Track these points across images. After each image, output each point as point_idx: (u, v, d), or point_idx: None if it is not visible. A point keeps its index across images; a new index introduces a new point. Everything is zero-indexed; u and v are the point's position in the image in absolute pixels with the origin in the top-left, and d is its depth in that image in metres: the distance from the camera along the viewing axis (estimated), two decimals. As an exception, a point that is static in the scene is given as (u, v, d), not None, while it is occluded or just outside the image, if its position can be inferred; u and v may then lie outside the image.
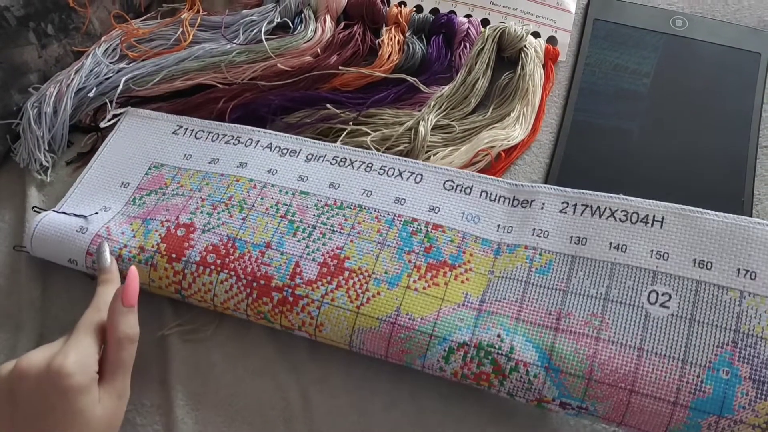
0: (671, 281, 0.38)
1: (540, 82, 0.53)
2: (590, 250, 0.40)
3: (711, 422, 0.34)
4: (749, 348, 0.35)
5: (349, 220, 0.44)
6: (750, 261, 0.37)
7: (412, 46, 0.54)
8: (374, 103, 0.51)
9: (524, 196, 0.44)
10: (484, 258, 0.42)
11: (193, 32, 0.55)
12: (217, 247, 0.43)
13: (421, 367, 0.40)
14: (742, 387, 0.34)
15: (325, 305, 0.41)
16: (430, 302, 0.40)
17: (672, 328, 0.37)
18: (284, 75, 0.53)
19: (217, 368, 0.44)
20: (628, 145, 0.52)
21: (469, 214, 0.44)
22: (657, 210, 0.40)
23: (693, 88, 0.54)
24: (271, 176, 0.47)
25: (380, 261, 0.42)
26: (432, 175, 0.46)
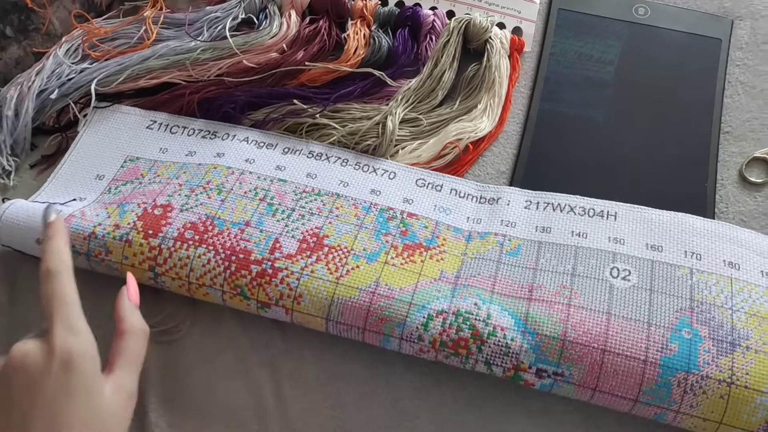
0: (629, 260, 0.42)
1: (506, 73, 0.53)
2: (554, 236, 0.44)
3: (680, 379, 0.37)
4: (705, 313, 0.39)
5: (327, 205, 0.45)
6: (693, 245, 0.42)
7: (378, 40, 0.54)
8: (341, 98, 0.51)
9: (491, 195, 0.47)
10: (457, 242, 0.44)
11: (156, 30, 0.54)
12: (195, 224, 0.43)
13: (399, 338, 0.40)
14: (704, 345, 0.37)
15: (305, 276, 0.41)
16: (408, 276, 0.42)
17: (635, 297, 0.40)
18: (250, 72, 0.52)
19: (191, 368, 0.44)
20: (594, 133, 0.52)
21: (441, 207, 0.46)
22: (611, 207, 0.45)
23: (656, 75, 0.55)
24: (249, 165, 0.47)
25: (359, 240, 0.43)
26: (404, 174, 0.48)
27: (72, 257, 0.40)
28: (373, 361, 0.44)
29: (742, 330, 0.38)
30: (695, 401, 0.37)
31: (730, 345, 0.38)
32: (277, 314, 0.42)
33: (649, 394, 0.37)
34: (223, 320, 0.45)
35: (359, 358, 0.44)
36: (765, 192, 0.50)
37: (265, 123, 0.51)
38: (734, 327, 0.38)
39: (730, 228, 0.44)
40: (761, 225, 0.48)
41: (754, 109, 0.53)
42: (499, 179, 0.51)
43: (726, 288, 0.40)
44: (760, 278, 0.41)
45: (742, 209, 0.49)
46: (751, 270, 0.41)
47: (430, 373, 0.43)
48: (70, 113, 0.51)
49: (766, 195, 0.50)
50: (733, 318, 0.39)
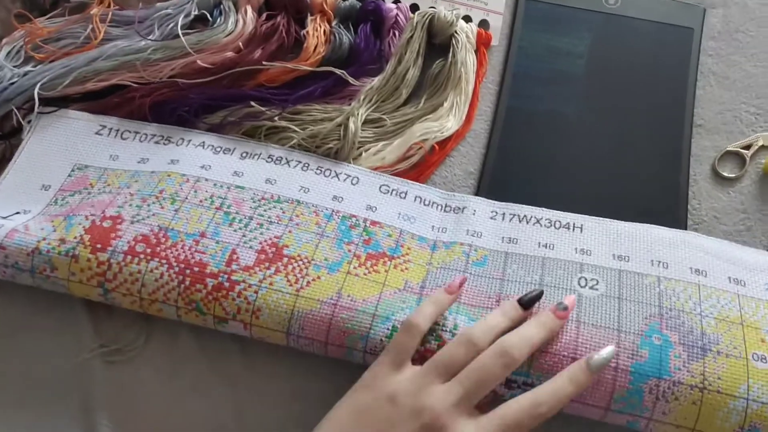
0: (597, 270, 0.41)
1: (473, 69, 0.51)
2: (521, 248, 0.43)
3: (652, 385, 0.36)
4: (674, 319, 0.38)
5: (287, 213, 0.43)
6: (660, 255, 0.42)
7: (339, 36, 0.51)
8: (301, 99, 0.49)
9: (456, 204, 0.46)
10: (422, 252, 0.43)
11: (104, 29, 0.51)
12: (147, 236, 0.41)
13: (363, 351, 0.39)
14: (674, 350, 0.37)
15: (263, 289, 0.39)
16: (372, 286, 0.40)
17: (604, 305, 0.39)
18: (205, 72, 0.50)
19: (146, 389, 0.42)
20: (565, 130, 0.51)
21: (405, 215, 0.45)
22: (577, 219, 0.44)
23: (627, 67, 0.53)
24: (204, 171, 0.45)
25: (320, 249, 0.42)
26: (368, 179, 0.46)
27: (15, 274, 0.37)
28: (339, 377, 0.42)
29: (712, 335, 0.38)
30: (668, 408, 0.36)
31: (700, 350, 0.37)
32: (236, 329, 0.40)
33: (621, 402, 0.36)
34: (180, 336, 0.43)
35: (324, 374, 0.42)
36: (738, 187, 0.49)
37: (221, 127, 0.48)
38: (704, 332, 0.38)
39: (695, 236, 0.43)
40: (734, 221, 0.47)
41: (727, 100, 0.52)
42: (467, 180, 0.49)
43: (694, 294, 0.40)
44: (728, 284, 0.41)
45: (715, 205, 0.48)
46: (718, 276, 0.41)
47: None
48: (13, 119, 0.48)
49: (739, 190, 0.48)
50: (702, 323, 0.38)
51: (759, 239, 0.46)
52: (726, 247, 0.43)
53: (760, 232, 0.47)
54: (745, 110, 0.51)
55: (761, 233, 0.47)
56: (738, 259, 0.42)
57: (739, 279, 0.41)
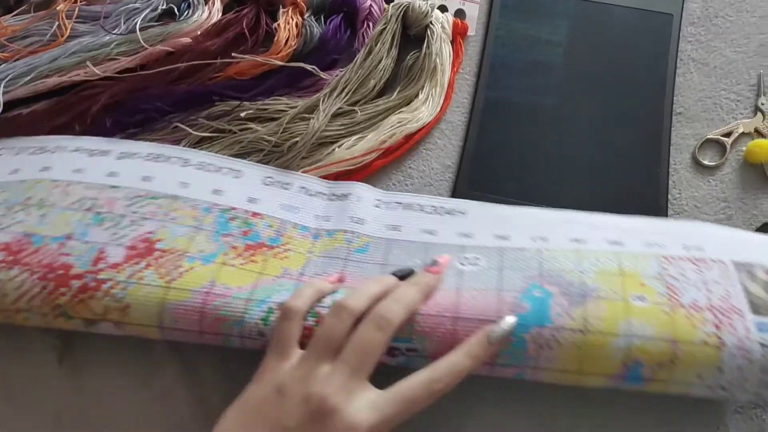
0: (478, 250, 0.41)
1: (449, 59, 0.50)
2: (404, 234, 0.43)
3: (534, 334, 0.36)
4: (555, 277, 0.38)
5: (163, 208, 0.42)
6: (539, 231, 0.42)
7: (310, 29, 0.50)
8: (270, 93, 0.48)
9: (341, 191, 0.46)
10: (303, 241, 0.43)
11: (70, 25, 0.50)
12: (8, 245, 0.39)
13: (239, 336, 0.37)
14: (555, 300, 0.37)
15: (131, 285, 0.38)
16: (247, 275, 0.40)
17: (485, 275, 0.39)
18: (165, 63, 0.48)
19: (119, 396, 0.41)
20: (543, 121, 0.50)
21: (288, 206, 0.45)
22: (460, 204, 0.45)
23: (606, 55, 0.52)
24: (77, 174, 0.44)
25: (195, 242, 0.41)
26: (251, 172, 0.46)
27: None
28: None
29: (592, 285, 0.38)
30: (552, 355, 0.36)
31: (581, 297, 0.37)
32: (107, 330, 0.39)
33: (506, 355, 0.36)
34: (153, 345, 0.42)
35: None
36: (718, 175, 0.48)
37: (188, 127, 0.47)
38: (584, 283, 0.38)
39: (572, 213, 0.44)
40: (715, 210, 0.46)
41: (707, 87, 0.51)
42: (445, 174, 0.48)
43: (574, 258, 0.40)
44: (607, 246, 0.41)
45: (695, 194, 0.47)
46: (597, 241, 0.41)
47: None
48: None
49: (719, 179, 0.48)
50: (583, 277, 0.38)
51: (740, 228, 0.46)
52: (606, 218, 0.43)
53: (740, 221, 0.46)
54: (726, 97, 0.51)
55: (742, 222, 0.46)
56: (617, 225, 0.43)
57: (618, 241, 0.41)
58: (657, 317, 0.36)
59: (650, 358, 0.35)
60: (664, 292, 0.37)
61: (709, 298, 0.37)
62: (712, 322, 0.36)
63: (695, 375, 0.35)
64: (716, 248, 0.40)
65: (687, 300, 0.37)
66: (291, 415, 0.32)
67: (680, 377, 0.35)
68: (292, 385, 0.33)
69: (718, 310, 0.36)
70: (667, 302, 0.37)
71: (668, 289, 0.37)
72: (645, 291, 0.37)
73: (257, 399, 0.33)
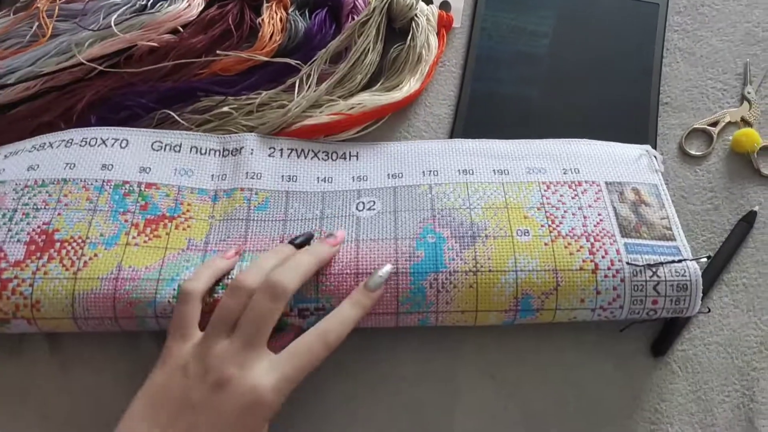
0: (373, 192, 0.43)
1: (434, 51, 0.50)
2: (301, 185, 0.44)
3: (431, 280, 0.38)
4: (446, 217, 0.41)
5: (54, 195, 0.42)
6: (430, 164, 0.45)
7: (295, 24, 0.50)
8: (255, 88, 0.47)
9: (233, 145, 0.45)
10: (203, 205, 0.43)
11: (52, 24, 0.50)
12: None
13: (154, 317, 0.38)
14: (447, 244, 0.40)
15: (38, 281, 0.38)
16: (153, 253, 0.40)
17: (380, 221, 0.42)
18: (147, 60, 0.48)
19: (107, 393, 0.41)
20: (530, 112, 0.50)
21: (182, 169, 0.44)
22: (352, 148, 0.46)
23: (592, 46, 0.52)
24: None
25: (94, 226, 0.41)
26: (138, 138, 0.45)
27: None
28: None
29: (480, 222, 0.41)
30: (449, 297, 0.39)
31: (471, 238, 0.40)
32: (21, 328, 0.39)
33: (407, 303, 0.39)
34: (140, 339, 0.42)
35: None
36: (705, 165, 0.48)
37: (175, 122, 0.47)
38: (473, 222, 0.41)
39: (462, 142, 0.46)
40: (701, 200, 0.46)
41: (694, 77, 0.51)
42: (431, 167, 0.48)
43: (463, 192, 0.43)
44: (492, 176, 0.44)
45: (682, 184, 0.47)
46: (483, 172, 0.44)
47: (362, 377, 0.41)
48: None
49: (706, 168, 0.48)
50: (471, 215, 0.41)
51: (726, 217, 0.46)
52: (490, 145, 0.46)
53: (727, 211, 0.46)
54: (712, 86, 0.51)
55: (728, 211, 0.46)
56: (501, 152, 0.46)
57: (502, 170, 0.44)
58: (539, 250, 0.39)
59: (537, 289, 0.39)
60: (545, 223, 0.41)
61: (584, 224, 0.41)
62: (587, 249, 0.40)
63: (577, 300, 0.39)
64: (591, 169, 0.44)
65: (565, 229, 0.41)
66: (194, 393, 0.33)
67: (565, 303, 0.39)
68: (194, 364, 0.34)
69: (593, 235, 0.40)
70: (548, 234, 0.40)
71: (548, 219, 0.41)
72: (528, 224, 0.41)
73: (162, 382, 0.34)
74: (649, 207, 0.42)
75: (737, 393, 0.41)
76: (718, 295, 0.43)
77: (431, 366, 0.41)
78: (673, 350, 0.42)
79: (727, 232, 0.45)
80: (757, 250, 0.45)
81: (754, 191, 0.47)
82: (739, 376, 0.41)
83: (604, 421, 0.40)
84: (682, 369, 0.41)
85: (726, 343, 0.42)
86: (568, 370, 0.38)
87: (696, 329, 0.42)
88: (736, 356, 0.42)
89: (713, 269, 0.44)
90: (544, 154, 0.45)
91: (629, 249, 0.40)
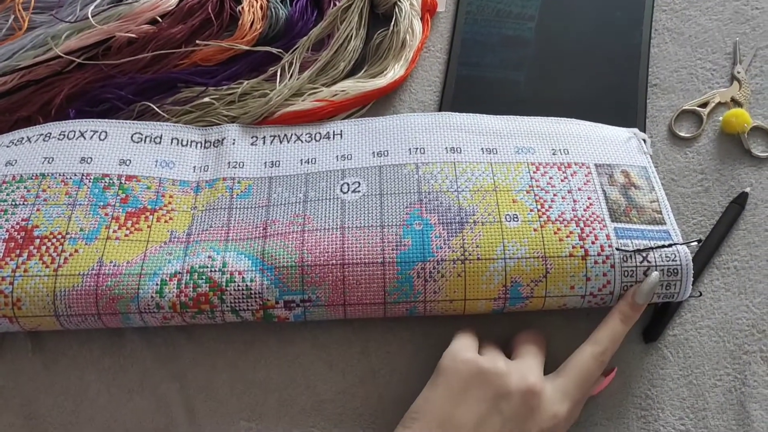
0: (358, 172, 0.42)
1: (419, 37, 0.49)
2: (284, 169, 0.43)
3: (419, 270, 0.38)
4: (433, 201, 0.40)
5: (33, 191, 0.41)
6: (417, 141, 0.43)
7: (276, 11, 0.49)
8: (236, 78, 0.47)
9: (215, 137, 0.45)
10: (185, 197, 0.42)
11: (28, 17, 0.49)
12: None
13: (137, 312, 0.38)
14: (434, 232, 0.39)
15: (18, 278, 0.38)
16: (134, 246, 0.40)
17: (366, 205, 0.40)
18: (126, 51, 0.47)
19: (91, 390, 0.40)
20: (516, 97, 0.49)
21: (163, 161, 0.44)
22: (336, 126, 0.45)
23: (579, 28, 0.51)
24: None
25: (73, 221, 0.40)
26: (117, 130, 0.44)
27: None
28: (290, 365, 0.41)
29: (468, 207, 0.40)
30: (437, 287, 0.38)
31: (458, 225, 0.39)
32: (2, 327, 0.39)
33: (395, 293, 0.38)
34: (124, 336, 0.42)
35: (275, 362, 0.41)
36: (695, 147, 0.47)
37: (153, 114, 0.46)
38: (461, 207, 0.40)
39: (449, 116, 0.45)
40: (692, 183, 0.46)
41: (683, 57, 0.50)
42: (418, 155, 0.47)
43: (450, 173, 0.42)
44: (481, 155, 0.43)
45: (672, 167, 0.46)
46: (471, 150, 0.43)
47: (351, 371, 0.40)
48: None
49: (696, 150, 0.47)
50: (459, 198, 0.40)
51: (717, 200, 0.45)
52: (479, 120, 0.45)
53: (718, 193, 0.45)
54: (701, 66, 0.50)
55: (719, 193, 0.45)
56: (490, 128, 0.44)
57: (491, 148, 0.43)
58: (528, 236, 0.39)
59: (526, 276, 0.38)
60: (534, 207, 0.40)
61: (574, 209, 0.40)
62: (577, 234, 0.39)
63: (567, 287, 0.38)
64: (581, 150, 0.43)
65: (554, 214, 0.40)
66: None
67: (554, 290, 0.38)
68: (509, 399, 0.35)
69: (582, 220, 0.39)
70: (537, 218, 0.39)
71: (537, 203, 0.40)
72: (517, 208, 0.40)
73: None
74: (638, 190, 0.42)
75: (729, 377, 0.40)
76: (709, 278, 0.43)
77: (422, 356, 0.41)
78: (665, 335, 0.41)
79: (718, 214, 0.45)
80: (749, 233, 0.44)
81: (745, 172, 0.46)
82: (730, 360, 0.41)
83: (594, 408, 0.39)
84: (673, 354, 0.41)
85: (717, 326, 0.41)
86: (558, 358, 0.38)
87: (687, 313, 0.42)
88: (727, 340, 0.41)
89: (704, 252, 0.43)
90: (533, 133, 0.44)
91: (619, 234, 0.39)
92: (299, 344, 0.41)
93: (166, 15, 0.49)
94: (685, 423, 0.39)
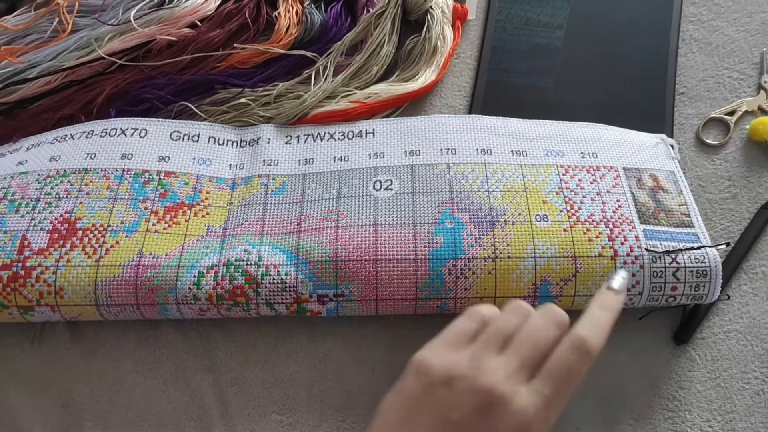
0: (390, 171, 0.43)
1: (450, 43, 0.50)
2: (318, 166, 0.44)
3: (450, 267, 0.39)
4: (464, 201, 0.41)
5: (76, 185, 0.43)
6: (448, 142, 0.44)
7: (311, 17, 0.50)
8: (271, 80, 0.48)
9: (251, 136, 0.46)
10: (221, 193, 0.44)
11: (72, 20, 0.50)
12: None
13: (175, 303, 0.39)
14: (466, 230, 0.40)
15: (61, 268, 0.39)
16: (173, 239, 0.41)
17: (398, 203, 0.41)
18: (165, 54, 0.49)
19: (127, 380, 0.41)
20: (545, 104, 0.50)
21: (200, 159, 0.45)
22: (368, 125, 0.46)
23: (607, 37, 0.52)
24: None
25: (115, 214, 0.41)
26: (156, 128, 0.46)
27: None
28: (320, 361, 0.41)
29: (499, 207, 0.41)
30: (468, 284, 0.39)
31: (489, 224, 0.40)
32: (44, 315, 0.40)
33: (426, 289, 0.39)
34: (160, 328, 0.43)
35: (306, 357, 0.41)
36: (722, 154, 0.48)
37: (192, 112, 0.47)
38: (492, 206, 0.41)
39: (480, 119, 0.46)
40: (719, 189, 0.46)
41: (710, 66, 0.51)
42: (447, 158, 0.48)
43: (481, 174, 0.43)
44: (511, 157, 0.44)
45: (700, 174, 0.47)
46: (502, 152, 0.44)
47: (381, 368, 0.41)
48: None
49: (723, 157, 0.48)
50: (490, 198, 0.41)
51: (745, 206, 0.46)
52: (508, 123, 0.46)
53: (746, 199, 0.46)
54: (728, 76, 0.50)
55: (747, 200, 0.46)
56: (519, 132, 0.45)
57: (521, 151, 0.44)
58: (558, 236, 0.39)
59: (555, 275, 0.38)
60: (564, 208, 0.41)
61: (603, 210, 0.41)
62: (606, 235, 0.39)
63: (596, 286, 0.38)
64: (609, 154, 0.44)
65: (584, 215, 0.40)
66: (456, 411, 0.28)
67: (584, 290, 0.39)
68: (461, 380, 0.28)
69: (611, 221, 0.40)
70: (566, 219, 0.40)
71: (567, 204, 0.41)
72: (547, 209, 0.41)
73: (418, 392, 0.29)
74: (667, 193, 0.42)
75: (757, 380, 0.40)
76: (737, 283, 0.43)
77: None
78: (693, 338, 0.42)
79: (746, 220, 0.45)
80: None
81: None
82: (758, 364, 0.41)
83: (622, 409, 0.40)
84: (701, 357, 0.41)
85: (746, 330, 0.42)
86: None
87: (715, 317, 0.42)
88: (756, 344, 0.41)
89: (733, 257, 0.44)
90: (562, 137, 0.45)
91: (648, 235, 0.40)
92: (329, 340, 0.42)
93: (205, 19, 0.50)
94: (713, 425, 0.39)
